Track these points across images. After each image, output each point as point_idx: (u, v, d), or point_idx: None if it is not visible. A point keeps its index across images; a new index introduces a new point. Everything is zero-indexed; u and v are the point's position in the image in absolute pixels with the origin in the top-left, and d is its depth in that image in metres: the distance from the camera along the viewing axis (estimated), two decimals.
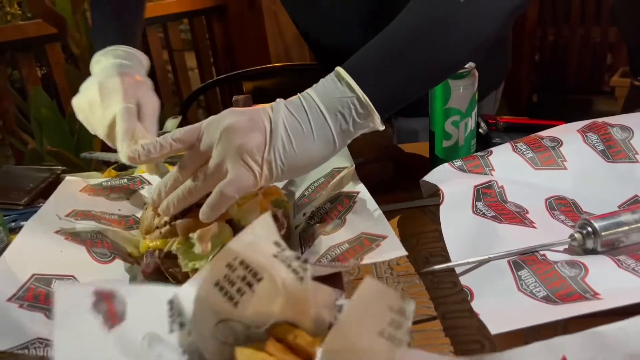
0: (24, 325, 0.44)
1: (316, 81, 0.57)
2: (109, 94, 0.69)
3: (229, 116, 0.53)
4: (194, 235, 0.53)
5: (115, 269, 0.56)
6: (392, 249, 0.49)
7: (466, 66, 0.75)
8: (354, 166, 0.66)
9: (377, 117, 0.56)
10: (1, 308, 0.45)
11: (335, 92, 0.55)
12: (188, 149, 0.55)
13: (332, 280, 0.50)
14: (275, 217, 0.58)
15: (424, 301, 0.55)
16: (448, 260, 0.53)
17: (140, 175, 0.76)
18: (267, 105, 0.55)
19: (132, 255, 0.60)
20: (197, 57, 2.69)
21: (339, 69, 0.56)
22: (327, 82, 0.56)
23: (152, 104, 0.72)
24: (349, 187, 0.63)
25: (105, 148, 1.18)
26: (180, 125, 1.10)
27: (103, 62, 0.75)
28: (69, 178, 0.66)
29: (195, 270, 0.53)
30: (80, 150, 1.71)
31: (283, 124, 0.53)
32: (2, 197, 0.72)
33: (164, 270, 0.55)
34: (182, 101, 2.64)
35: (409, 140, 1.02)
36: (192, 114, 2.45)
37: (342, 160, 0.67)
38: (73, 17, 1.85)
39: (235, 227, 0.55)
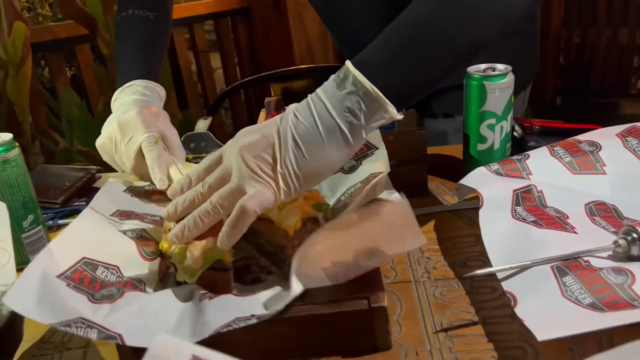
0: (69, 304, 0.45)
1: None
2: (129, 127, 0.71)
3: (242, 137, 0.53)
4: (184, 248, 0.53)
5: (157, 267, 0.57)
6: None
7: (503, 68, 0.75)
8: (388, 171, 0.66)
9: (391, 108, 0.53)
10: (51, 283, 0.46)
11: (343, 88, 0.53)
12: (208, 171, 0.55)
13: (371, 281, 0.51)
14: (316, 221, 0.58)
15: (464, 306, 0.55)
16: (486, 264, 0.53)
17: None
18: (277, 116, 0.55)
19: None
20: (221, 58, 2.72)
21: (347, 63, 0.54)
22: (336, 79, 0.54)
23: (173, 132, 0.74)
24: (383, 195, 0.63)
25: None
26: (210, 126, 1.11)
27: (121, 99, 0.77)
28: (112, 180, 0.67)
29: (197, 281, 0.53)
30: None
31: (291, 133, 0.52)
32: (39, 196, 0.73)
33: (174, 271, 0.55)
34: (206, 102, 2.67)
35: (438, 143, 1.01)
36: (216, 115, 2.47)
37: (380, 165, 0.66)
38: (104, 18, 1.88)
39: (276, 230, 0.56)
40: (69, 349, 0.55)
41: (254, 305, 0.49)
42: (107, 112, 0.79)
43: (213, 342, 0.43)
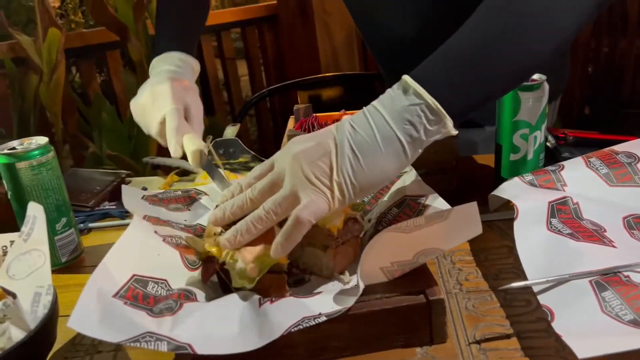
0: (133, 320, 0.46)
1: (368, 89, 0.56)
2: (160, 97, 0.77)
3: (296, 144, 0.53)
4: (238, 254, 0.53)
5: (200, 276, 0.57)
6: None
7: (537, 78, 0.73)
8: (413, 170, 0.66)
9: (449, 122, 0.53)
10: (110, 303, 0.47)
11: (403, 100, 0.53)
12: (259, 179, 0.55)
13: (423, 275, 0.53)
14: (355, 220, 0.59)
15: (497, 319, 0.53)
16: (520, 277, 0.52)
17: (194, 188, 0.77)
18: (332, 126, 0.55)
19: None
20: (248, 65, 2.74)
21: (405, 77, 0.54)
22: (394, 92, 0.55)
23: (198, 107, 0.80)
24: (414, 191, 0.63)
25: (161, 152, 1.21)
26: (239, 133, 1.12)
27: (158, 68, 0.83)
28: (126, 186, 0.68)
29: (244, 288, 0.53)
30: (138, 154, 1.77)
31: (348, 143, 0.52)
32: (71, 199, 0.74)
33: (223, 276, 0.55)
34: (232, 109, 2.69)
35: (468, 153, 1.00)
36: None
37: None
38: (135, 25, 1.91)
39: (319, 231, 0.56)
40: (100, 352, 0.55)
41: (320, 304, 0.49)
42: None
43: (272, 345, 0.44)
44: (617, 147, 0.69)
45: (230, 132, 1.10)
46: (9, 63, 1.79)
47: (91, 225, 0.86)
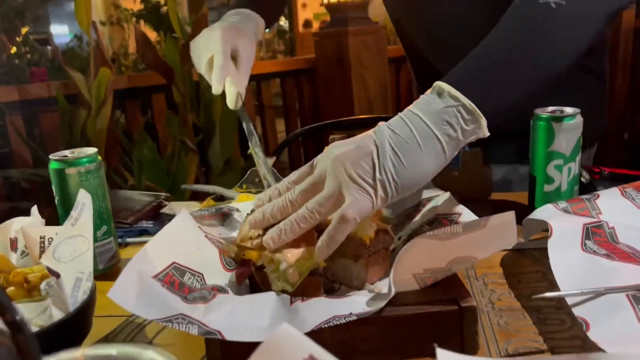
0: (169, 301, 0.47)
1: None
2: (211, 39, 0.83)
3: (336, 147, 0.55)
4: (280, 257, 0.54)
5: (234, 277, 0.58)
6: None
7: (571, 110, 0.75)
8: (447, 193, 0.67)
9: (484, 122, 0.55)
10: (148, 283, 0.48)
11: (439, 103, 0.55)
12: (299, 182, 0.57)
13: (455, 284, 0.52)
14: (386, 232, 0.60)
15: (530, 335, 0.52)
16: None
17: (228, 206, 0.79)
18: (369, 131, 0.57)
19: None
20: (284, 113, 2.82)
21: (438, 82, 0.57)
22: (429, 97, 0.57)
23: (247, 52, 0.84)
24: (447, 209, 0.63)
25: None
26: (275, 164, 1.14)
27: (225, 18, 0.91)
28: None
29: (285, 291, 0.53)
30: (175, 188, 1.82)
31: (389, 143, 0.54)
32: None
33: (258, 280, 0.56)
34: (267, 153, 2.76)
35: (502, 190, 1.00)
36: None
37: (431, 192, 0.69)
38: (181, 68, 2.01)
39: (351, 240, 0.57)
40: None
41: (352, 305, 0.50)
42: (175, 154, 0.86)
43: None
44: None
45: (268, 162, 1.13)
46: (62, 99, 1.90)
47: (129, 240, 0.89)
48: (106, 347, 0.27)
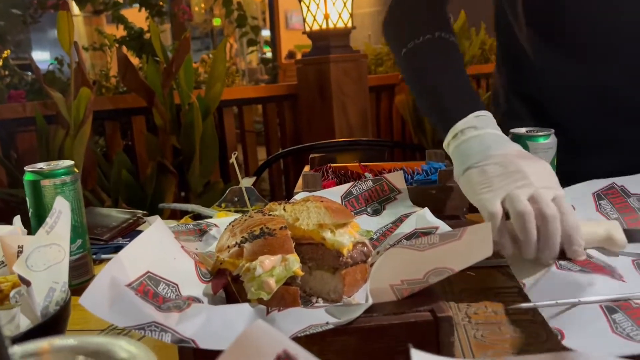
0: (142, 309, 0.46)
1: (380, 156, 0.59)
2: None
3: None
4: (256, 263, 0.54)
5: (209, 289, 0.57)
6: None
7: (545, 130, 0.76)
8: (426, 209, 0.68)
9: None
10: (122, 291, 0.47)
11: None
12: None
13: (430, 294, 0.52)
14: (364, 244, 0.60)
15: (506, 348, 0.53)
16: (531, 309, 0.52)
17: (205, 221, 0.79)
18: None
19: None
20: (266, 138, 2.83)
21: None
22: None
23: None
24: (425, 224, 0.64)
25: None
26: (255, 183, 1.15)
27: (482, 130, 0.70)
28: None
29: (260, 300, 0.53)
30: (152, 211, 1.80)
31: None
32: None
33: (234, 290, 0.56)
34: (245, 175, 2.75)
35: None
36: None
37: (409, 208, 0.72)
38: (162, 91, 2.01)
39: (328, 252, 0.57)
40: None
41: (327, 314, 0.50)
42: (154, 176, 0.83)
43: None
44: (630, 189, 0.70)
45: (247, 182, 1.13)
46: (40, 118, 1.88)
47: (104, 256, 0.87)
48: (76, 337, 0.26)
